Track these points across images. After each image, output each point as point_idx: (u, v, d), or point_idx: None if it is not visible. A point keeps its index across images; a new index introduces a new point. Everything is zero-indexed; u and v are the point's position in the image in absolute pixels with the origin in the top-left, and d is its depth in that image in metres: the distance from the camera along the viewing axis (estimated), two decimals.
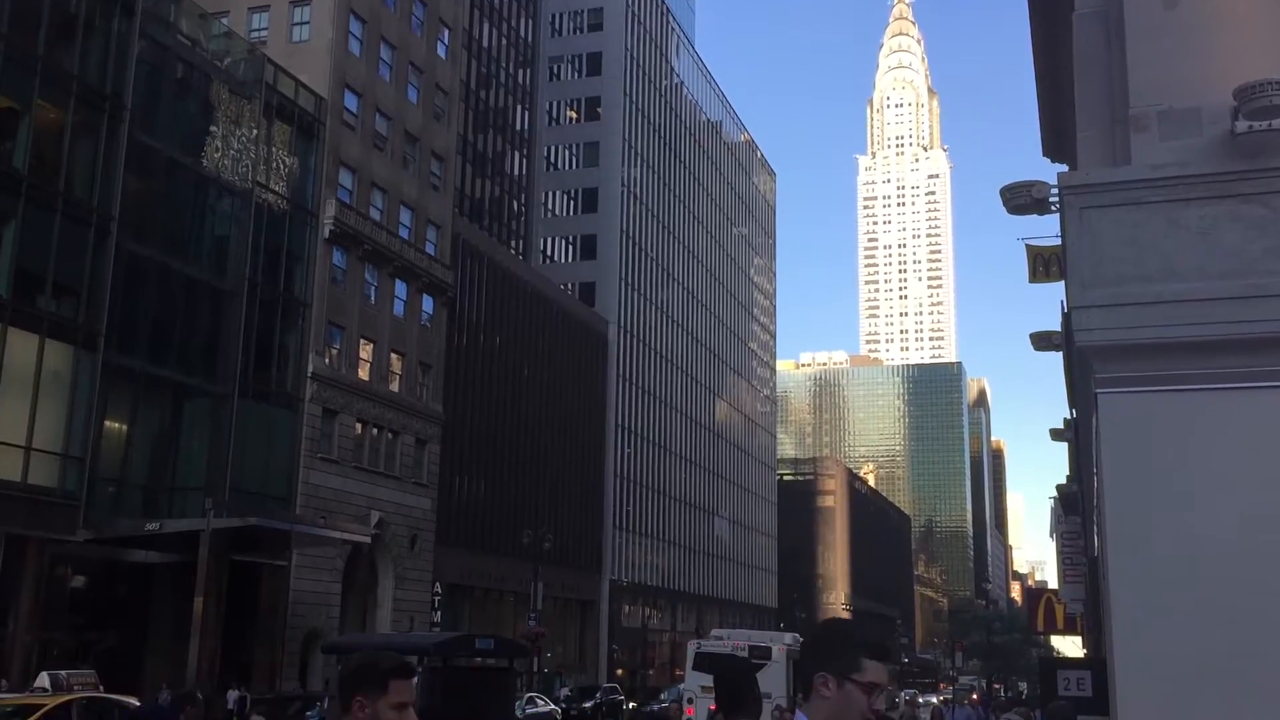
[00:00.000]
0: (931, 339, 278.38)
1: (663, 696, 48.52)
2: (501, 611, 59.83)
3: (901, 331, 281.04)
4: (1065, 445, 21.85)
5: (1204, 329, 5.23)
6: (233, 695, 31.78)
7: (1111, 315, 5.37)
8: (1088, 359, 5.60)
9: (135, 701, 22.06)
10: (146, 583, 38.10)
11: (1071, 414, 10.63)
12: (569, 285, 77.90)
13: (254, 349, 41.96)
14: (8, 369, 31.14)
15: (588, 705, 45.49)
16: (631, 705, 45.39)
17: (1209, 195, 5.37)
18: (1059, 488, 22.69)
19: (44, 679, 24.98)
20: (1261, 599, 4.90)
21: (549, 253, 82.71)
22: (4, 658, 30.85)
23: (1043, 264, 13.99)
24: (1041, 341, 10.83)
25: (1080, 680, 11.10)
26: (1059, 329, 9.94)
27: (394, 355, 50.83)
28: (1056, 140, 13.10)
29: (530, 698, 32.31)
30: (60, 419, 33.16)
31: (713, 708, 9.21)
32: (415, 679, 10.10)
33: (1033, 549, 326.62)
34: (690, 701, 31.02)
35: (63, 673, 25.18)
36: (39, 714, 20.04)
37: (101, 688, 25.11)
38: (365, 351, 48.71)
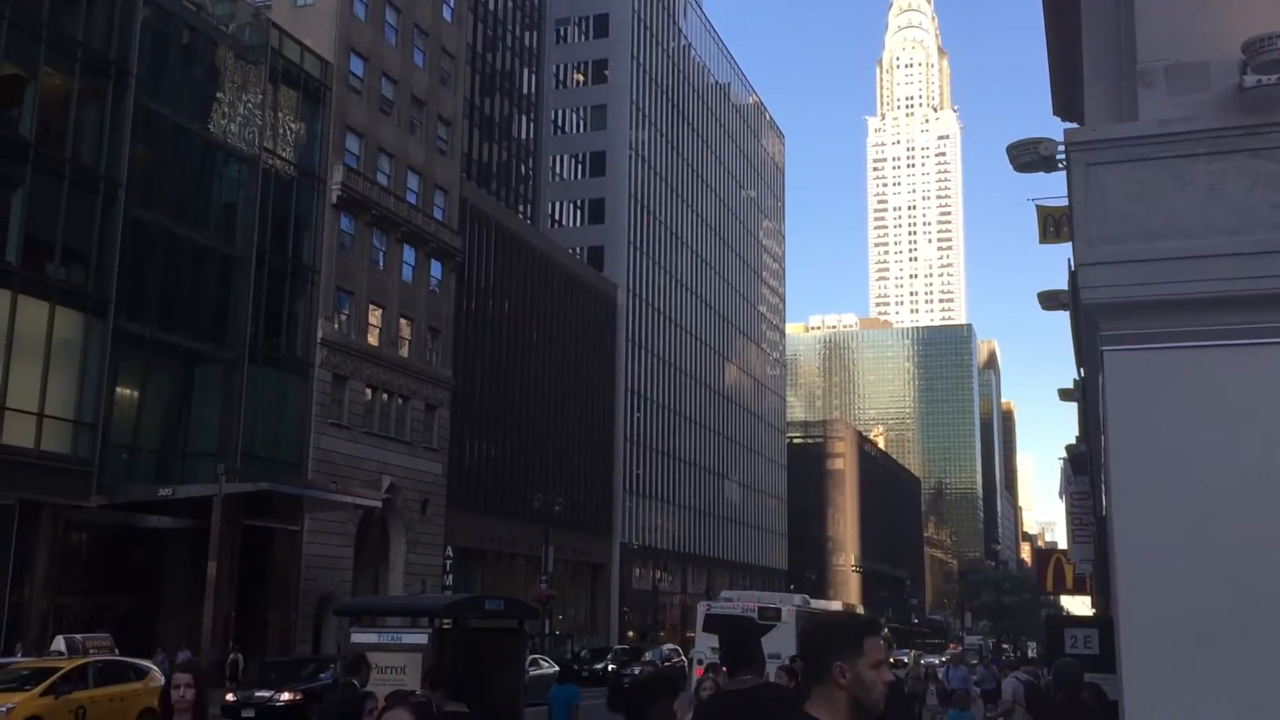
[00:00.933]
0: (941, 301, 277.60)
1: (647, 656, 48.36)
2: (513, 575, 60.20)
3: (911, 294, 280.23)
4: (1074, 406, 21.82)
5: (1210, 285, 5.21)
6: (183, 655, 31.95)
7: (1118, 272, 5.34)
8: (1094, 316, 5.58)
9: (150, 664, 22.30)
10: (160, 548, 38.40)
11: (1079, 374, 10.62)
12: (577, 250, 77.75)
13: (263, 315, 42.03)
14: (19, 337, 31.26)
15: (599, 667, 45.80)
16: (611, 668, 44.44)
17: (1216, 150, 5.33)
18: (1068, 448, 22.67)
19: (59, 643, 25.25)
20: (1265, 555, 4.90)
21: (557, 217, 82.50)
22: (20, 623, 31.17)
23: (1053, 224, 13.91)
24: (1050, 301, 10.78)
25: (1087, 638, 11.13)
26: (1068, 288, 9.91)
27: (403, 320, 50.86)
28: (1067, 98, 13.00)
29: (534, 659, 32.51)
30: (72, 386, 33.32)
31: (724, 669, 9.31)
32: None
33: (1043, 510, 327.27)
34: (700, 663, 31.23)
35: (78, 636, 25.43)
36: (55, 677, 20.28)
37: (117, 651, 25.37)
38: (374, 317, 48.75)
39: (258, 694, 24.90)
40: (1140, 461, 5.32)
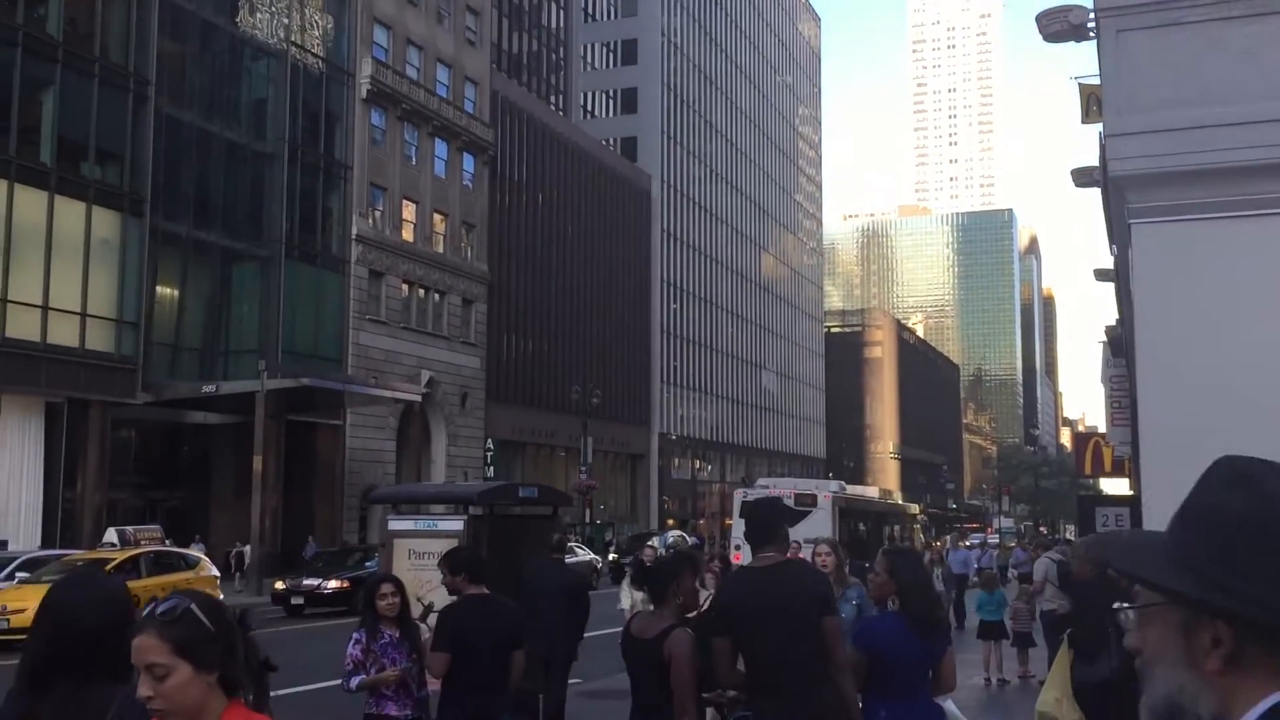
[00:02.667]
0: (982, 186, 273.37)
1: (652, 544, 48.29)
2: (553, 466, 61.02)
3: (951, 179, 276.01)
4: (1113, 287, 21.56)
5: (1243, 153, 5.08)
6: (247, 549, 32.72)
7: (1147, 142, 5.22)
8: (1123, 188, 5.48)
9: (201, 555, 22.92)
10: (207, 443, 39.22)
11: (1113, 251, 10.46)
12: (610, 140, 76.90)
13: (298, 212, 42.13)
14: (58, 237, 31.55)
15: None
16: (612, 556, 43.40)
17: (1253, 12, 5.14)
18: (1107, 329, 22.47)
19: (111, 535, 25.98)
20: None
21: (589, 107, 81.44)
22: (74, 517, 32.08)
23: (1096, 103, 13.55)
24: (1083, 177, 10.56)
25: (1119, 516, 11.18)
26: (1099, 163, 9.70)
27: (437, 216, 50.81)
28: None
29: (570, 546, 33.06)
30: (112, 285, 33.70)
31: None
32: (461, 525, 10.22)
33: (1084, 395, 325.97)
34: (738, 548, 31.79)
35: (129, 529, 26.15)
36: (108, 568, 20.90)
37: (168, 542, 26.10)
38: (408, 212, 48.72)
39: (306, 582, 25.59)
40: (1167, 333, 5.26)
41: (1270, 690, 1.34)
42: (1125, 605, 1.57)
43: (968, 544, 34.40)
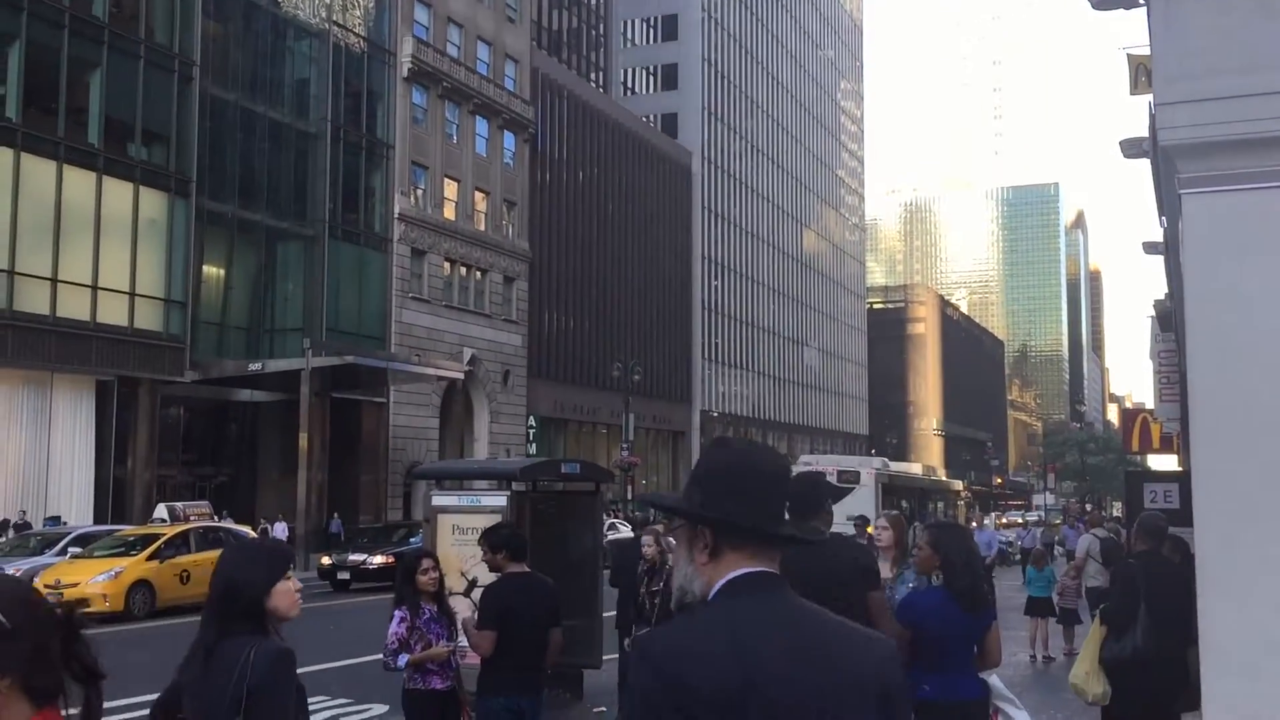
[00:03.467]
0: (1028, 159, 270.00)
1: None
2: (595, 442, 61.21)
3: (996, 152, 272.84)
4: (1162, 260, 21.26)
5: None
6: (280, 527, 33.03)
7: (1197, 111, 5.12)
8: (1172, 158, 5.38)
9: (250, 531, 23.22)
10: (254, 420, 39.69)
11: (1162, 223, 10.30)
12: (651, 117, 76.65)
13: (341, 191, 42.41)
14: (106, 218, 31.97)
15: None
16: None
17: None
18: (1156, 303, 22.18)
19: (161, 510, 26.39)
20: None
21: (629, 84, 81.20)
22: (125, 494, 32.62)
23: (1145, 74, 13.31)
24: (1131, 148, 10.39)
25: (1168, 493, 11.03)
26: (1149, 134, 9.54)
27: (478, 194, 50.95)
28: None
29: (612, 523, 33.17)
30: (160, 265, 34.11)
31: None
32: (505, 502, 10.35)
33: (1132, 371, 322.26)
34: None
35: (179, 504, 26.53)
36: (159, 542, 21.27)
37: (216, 518, 26.47)
38: (450, 191, 48.89)
39: (351, 557, 25.88)
40: (1219, 305, 5.18)
41: (733, 570, 2.16)
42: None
43: (995, 523, 33.98)
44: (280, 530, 32.18)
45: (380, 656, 6.88)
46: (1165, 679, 6.49)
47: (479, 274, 50.62)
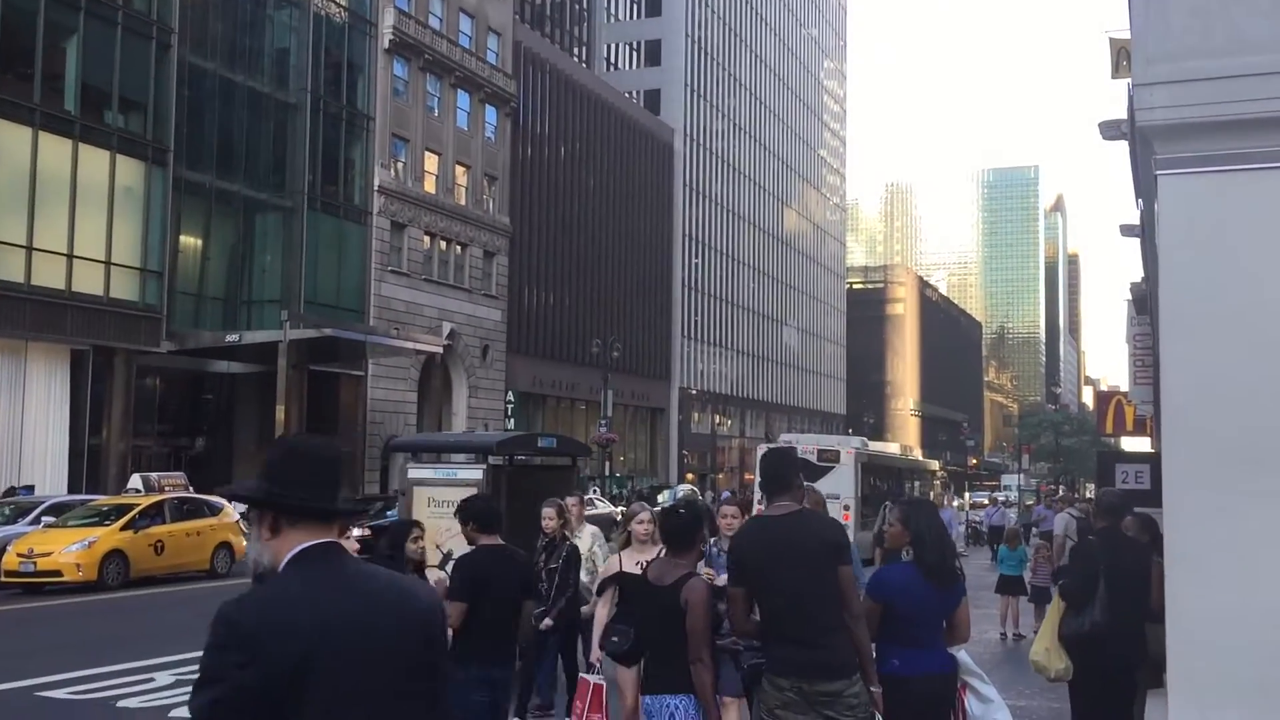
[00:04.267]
0: (1009, 142, 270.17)
1: (661, 499, 47.51)
2: (574, 418, 61.22)
3: (978, 134, 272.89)
4: (1139, 243, 21.34)
5: (1275, 104, 4.99)
6: None
7: (1176, 92, 5.13)
8: (1150, 140, 5.40)
9: (222, 501, 23.14)
10: (230, 392, 39.51)
11: (1139, 205, 10.35)
12: (633, 93, 76.37)
13: (320, 163, 42.11)
14: (82, 186, 31.65)
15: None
16: (619, 509, 40.45)
17: None
18: (1132, 286, 22.28)
19: (135, 480, 26.26)
20: None
21: (612, 59, 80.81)
22: (99, 463, 32.44)
23: (1126, 58, 13.35)
24: (1110, 131, 10.42)
25: (1139, 473, 11.12)
26: (1127, 116, 9.55)
27: (459, 167, 50.70)
28: None
29: (589, 499, 33.09)
30: (136, 234, 33.83)
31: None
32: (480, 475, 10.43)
33: (1108, 355, 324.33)
34: (761, 502, 31.98)
35: (154, 475, 26.41)
36: (134, 512, 21.18)
37: (191, 489, 26.37)
38: (430, 164, 48.62)
39: None
40: (1191, 286, 5.21)
41: (296, 544, 2.57)
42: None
43: (958, 503, 34.59)
44: None
45: None
46: (1124, 653, 6.56)
47: (459, 248, 50.43)
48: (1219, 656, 4.64)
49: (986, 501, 49.55)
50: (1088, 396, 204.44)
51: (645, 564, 6.01)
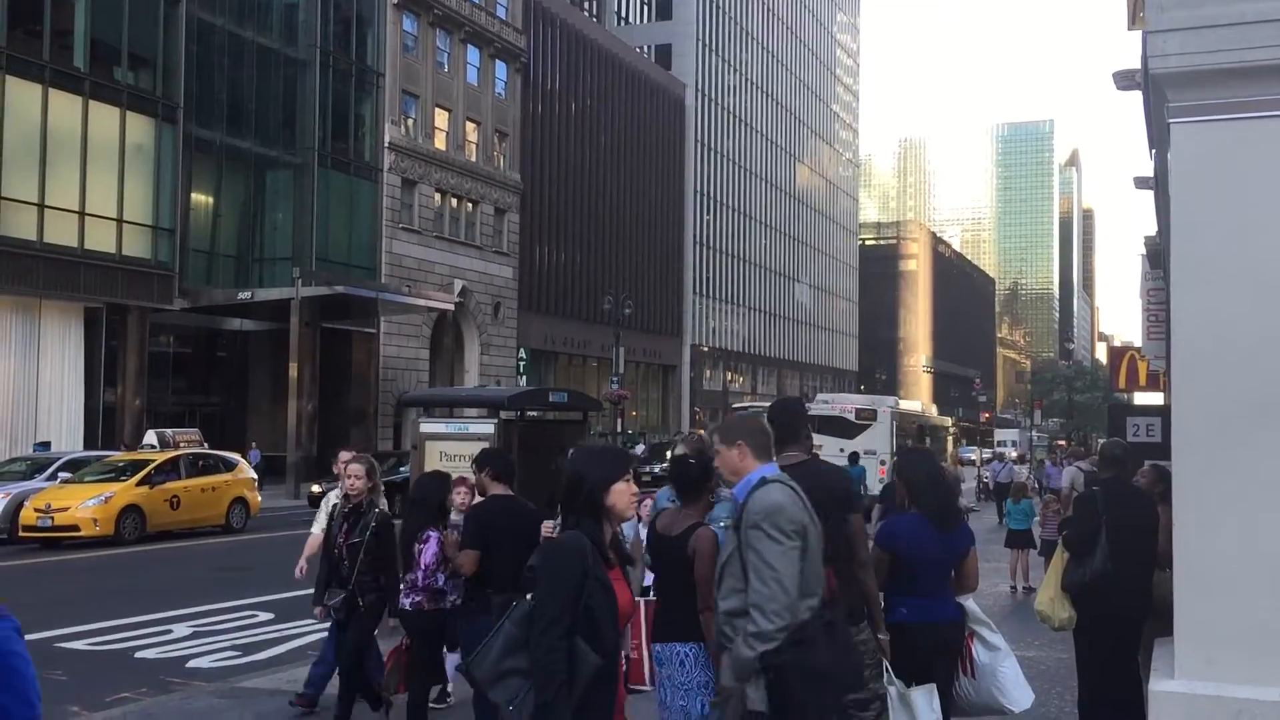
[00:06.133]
0: (1024, 96, 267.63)
1: (670, 452, 48.04)
2: (585, 375, 61.32)
3: (992, 88, 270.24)
4: (1153, 196, 21.16)
5: None
6: (254, 454, 32.70)
7: (1190, 39, 5.08)
8: (1163, 88, 5.35)
9: (238, 457, 23.29)
10: (243, 349, 39.66)
11: (1152, 156, 10.27)
12: (644, 48, 75.74)
13: (330, 119, 41.95)
14: (93, 143, 31.60)
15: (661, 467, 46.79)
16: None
17: None
18: (1146, 240, 22.13)
19: (150, 437, 26.43)
20: None
21: (623, 14, 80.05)
22: (114, 420, 32.64)
23: (1143, 9, 13.15)
24: (1124, 80, 10.31)
25: (1150, 426, 11.11)
26: (1141, 66, 9.41)
27: (469, 124, 50.45)
28: None
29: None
30: (148, 192, 33.81)
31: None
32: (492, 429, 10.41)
33: (1121, 311, 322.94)
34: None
35: (169, 431, 26.57)
36: (149, 468, 21.33)
37: (205, 445, 26.54)
38: (440, 120, 48.40)
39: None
40: (1203, 234, 5.18)
41: None
42: None
43: (973, 456, 36.09)
44: (254, 457, 32.23)
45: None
46: (1127, 602, 6.59)
47: (470, 205, 50.31)
48: (1226, 605, 4.66)
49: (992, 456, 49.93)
50: (1101, 352, 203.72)
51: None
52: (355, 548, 7.06)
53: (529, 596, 3.68)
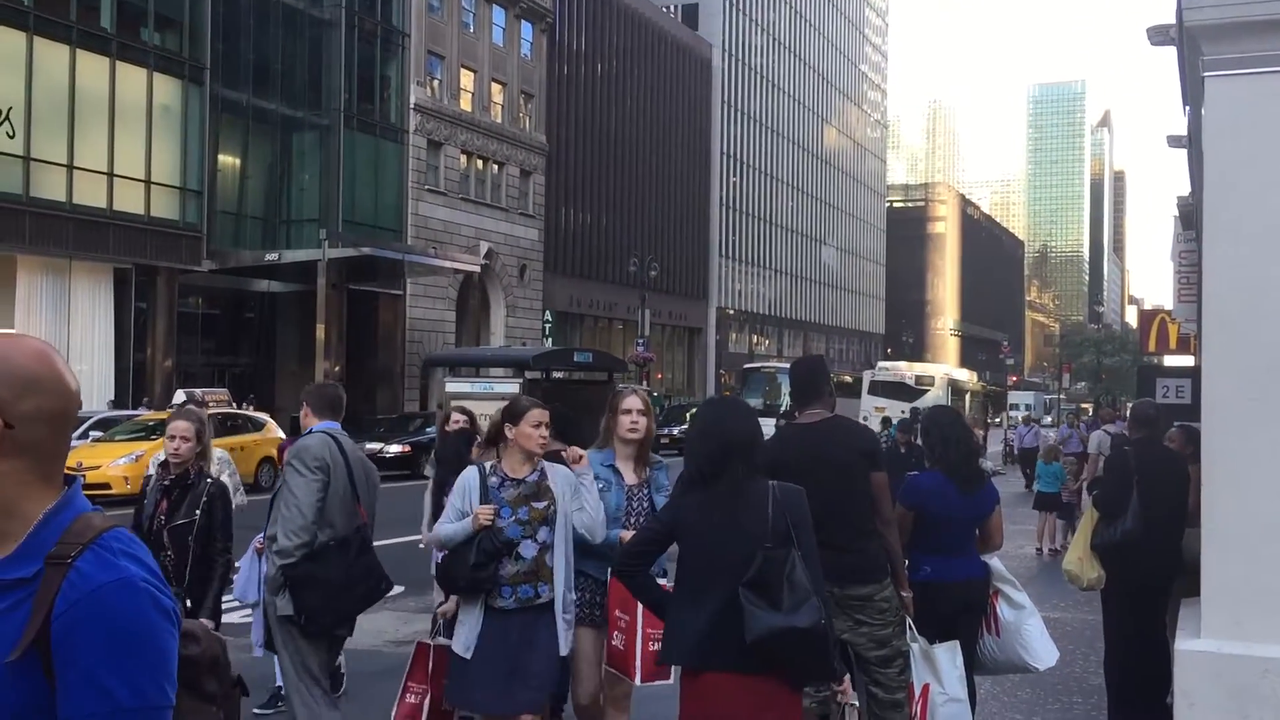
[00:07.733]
0: (1055, 55, 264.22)
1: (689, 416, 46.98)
2: (611, 337, 61.37)
3: (1023, 49, 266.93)
4: (1185, 156, 20.87)
5: None
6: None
7: None
8: (1197, 41, 5.25)
9: (266, 417, 23.45)
10: (271, 310, 39.87)
11: (1185, 113, 10.12)
12: (671, 8, 75.13)
13: (356, 80, 41.87)
14: (120, 104, 31.68)
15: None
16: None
17: None
18: (1179, 200, 21.86)
19: (180, 396, 26.57)
20: None
21: None
22: (145, 380, 32.95)
23: None
24: (1158, 36, 10.15)
25: (1180, 388, 11.03)
26: (1175, 20, 9.24)
27: (495, 85, 50.27)
28: None
29: None
30: (175, 153, 33.91)
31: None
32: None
33: (1152, 274, 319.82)
34: (865, 419, 36.04)
35: (198, 391, 26.75)
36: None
37: (234, 404, 26.73)
38: (466, 81, 48.23)
39: (369, 445, 26.17)
40: (1237, 190, 5.10)
41: None
42: None
43: (999, 420, 39.68)
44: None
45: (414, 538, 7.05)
46: (1157, 562, 6.56)
47: (495, 167, 50.22)
48: (1254, 564, 4.63)
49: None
50: (1131, 316, 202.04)
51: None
52: (180, 532, 5.46)
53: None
